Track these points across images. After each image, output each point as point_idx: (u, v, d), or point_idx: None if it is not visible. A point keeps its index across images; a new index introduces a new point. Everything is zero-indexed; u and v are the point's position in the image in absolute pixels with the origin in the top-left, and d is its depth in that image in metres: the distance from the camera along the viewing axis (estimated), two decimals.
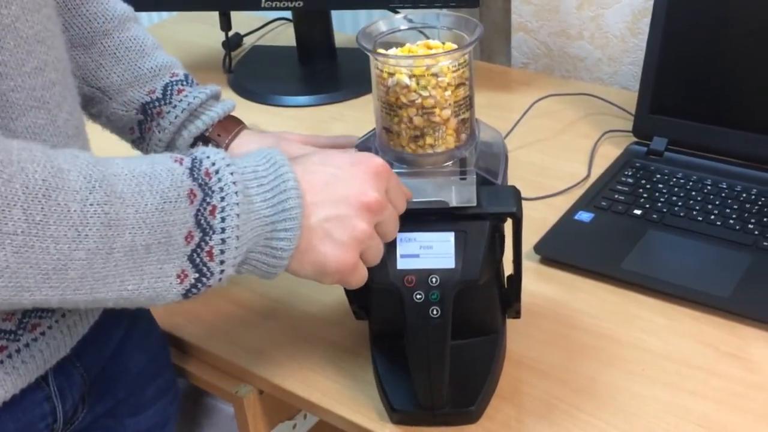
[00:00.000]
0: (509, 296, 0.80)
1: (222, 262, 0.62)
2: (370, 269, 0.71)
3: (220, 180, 0.62)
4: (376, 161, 0.68)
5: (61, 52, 0.68)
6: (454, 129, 0.73)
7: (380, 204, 0.67)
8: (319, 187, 0.66)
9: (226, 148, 0.83)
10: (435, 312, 0.70)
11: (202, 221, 0.61)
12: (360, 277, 0.69)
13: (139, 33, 0.86)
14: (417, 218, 0.71)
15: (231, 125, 0.85)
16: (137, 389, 0.84)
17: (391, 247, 0.71)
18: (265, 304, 0.94)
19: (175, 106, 0.83)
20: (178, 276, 0.61)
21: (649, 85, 1.12)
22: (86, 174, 0.56)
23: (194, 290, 0.62)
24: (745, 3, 1.05)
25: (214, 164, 0.62)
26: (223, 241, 0.62)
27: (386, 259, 0.71)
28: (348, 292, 0.80)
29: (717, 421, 0.75)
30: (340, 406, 0.80)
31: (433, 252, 0.71)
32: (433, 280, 0.70)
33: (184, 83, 0.85)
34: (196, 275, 0.62)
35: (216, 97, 0.87)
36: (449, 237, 0.71)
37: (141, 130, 0.84)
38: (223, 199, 0.61)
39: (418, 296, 0.70)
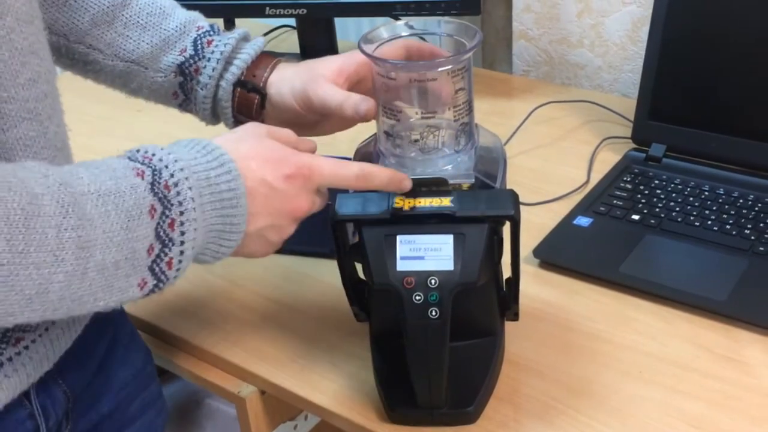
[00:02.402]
0: (507, 298, 0.81)
1: (178, 269, 0.66)
2: (370, 272, 0.73)
3: (179, 194, 0.64)
4: (303, 170, 0.71)
5: (50, 63, 0.68)
6: (454, 133, 0.74)
7: (310, 207, 0.73)
8: (260, 199, 0.70)
9: (264, 85, 0.83)
10: (434, 313, 0.71)
11: (162, 234, 0.63)
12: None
13: None
14: (417, 221, 0.73)
15: (265, 61, 0.85)
16: (122, 404, 0.84)
17: (391, 249, 0.72)
18: (266, 306, 0.95)
19: (209, 59, 0.83)
20: (139, 285, 0.64)
21: (648, 92, 1.14)
22: (58, 198, 0.57)
23: (150, 293, 0.65)
24: (743, 11, 1.06)
25: (172, 176, 0.64)
26: (182, 252, 0.65)
27: (386, 261, 0.72)
28: (349, 294, 0.82)
29: (711, 422, 0.76)
30: (341, 406, 0.82)
31: (432, 254, 0.72)
32: (432, 281, 0.71)
33: (212, 33, 0.84)
34: (155, 282, 0.65)
35: (246, 38, 0.86)
36: (448, 239, 0.72)
37: (184, 91, 0.85)
38: (182, 213, 0.64)
39: (418, 297, 0.71)
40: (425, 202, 0.73)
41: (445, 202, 0.72)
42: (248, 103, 0.84)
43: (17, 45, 0.62)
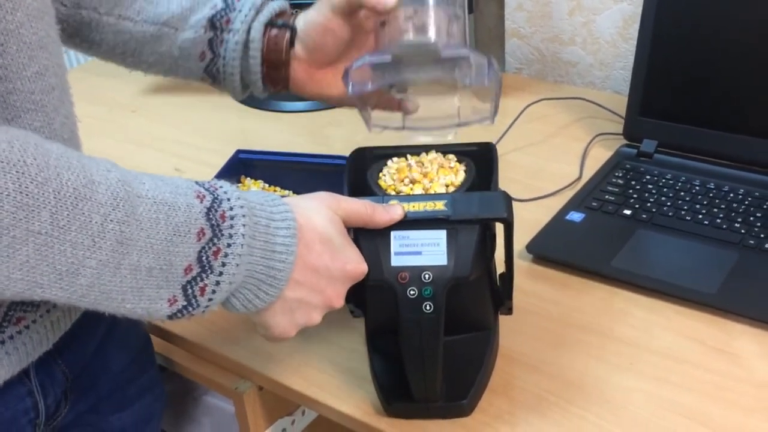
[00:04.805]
0: (501, 294, 0.82)
1: (210, 300, 0.66)
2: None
3: (231, 227, 0.65)
4: (360, 269, 0.73)
5: (60, 58, 0.70)
6: (446, 22, 0.76)
7: (341, 304, 0.74)
8: (310, 270, 0.70)
9: (293, 21, 0.87)
10: (428, 307, 0.73)
11: (204, 259, 0.64)
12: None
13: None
14: (412, 226, 0.74)
15: (281, 14, 0.89)
16: (119, 387, 0.86)
17: (385, 245, 0.73)
18: None
19: (240, 11, 0.86)
20: (169, 300, 0.64)
21: (639, 88, 1.15)
22: (113, 191, 0.59)
23: (179, 315, 0.66)
24: (732, 7, 1.07)
25: (231, 209, 0.65)
26: (218, 283, 0.65)
27: (381, 257, 0.73)
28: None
29: (702, 413, 0.77)
30: (338, 400, 0.83)
31: (426, 249, 0.73)
32: (426, 276, 0.72)
33: (225, 11, 0.87)
34: (185, 303, 0.65)
35: (263, 4, 0.89)
36: (441, 235, 0.73)
37: (213, 48, 0.87)
38: (229, 245, 0.65)
39: (412, 292, 0.72)
40: (419, 206, 0.74)
41: (439, 205, 0.73)
42: (278, 41, 0.86)
43: (26, 39, 0.63)
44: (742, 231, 0.97)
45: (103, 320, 0.83)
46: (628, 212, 1.02)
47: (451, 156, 0.82)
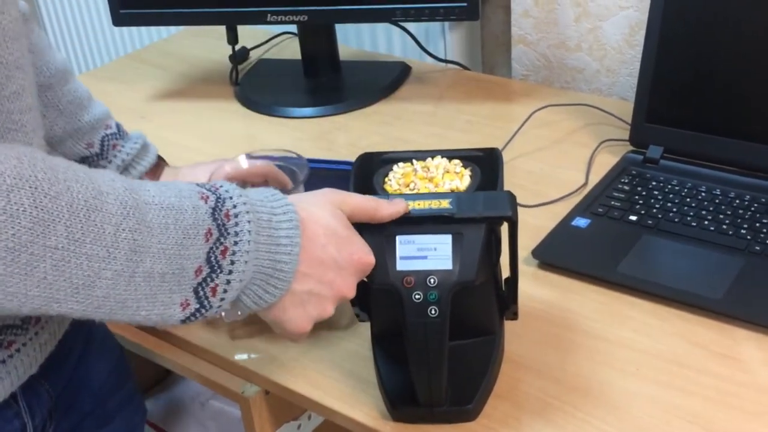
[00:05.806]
0: (506, 298, 0.82)
1: (222, 299, 0.67)
2: (370, 272, 0.74)
3: (237, 224, 0.66)
4: (368, 260, 0.73)
5: (33, 79, 0.71)
6: None
7: (353, 294, 0.74)
8: (316, 262, 0.71)
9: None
10: (433, 312, 0.73)
11: (212, 259, 0.65)
12: (303, 339, 0.75)
13: (77, 85, 0.93)
14: (416, 221, 0.74)
15: (155, 169, 0.97)
16: (100, 402, 0.87)
17: (391, 249, 0.74)
18: None
19: (110, 162, 0.92)
20: (182, 304, 0.65)
21: (645, 95, 1.15)
22: (122, 200, 0.60)
23: (192, 318, 0.66)
24: (738, 14, 1.08)
25: (235, 207, 0.66)
26: (228, 282, 0.66)
27: (386, 261, 0.74)
28: None
29: (707, 417, 0.78)
30: (343, 405, 0.83)
31: (431, 254, 0.73)
32: (431, 280, 0.73)
33: (118, 136, 0.94)
34: (197, 306, 0.66)
35: (145, 145, 0.97)
36: (447, 239, 0.73)
37: (102, 152, 0.93)
38: (236, 243, 0.66)
39: (417, 296, 0.73)
40: (424, 204, 0.74)
41: (444, 204, 0.74)
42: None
43: (3, 60, 0.64)
44: (748, 237, 0.97)
45: (81, 335, 0.83)
46: (633, 218, 1.03)
47: (457, 161, 0.82)
